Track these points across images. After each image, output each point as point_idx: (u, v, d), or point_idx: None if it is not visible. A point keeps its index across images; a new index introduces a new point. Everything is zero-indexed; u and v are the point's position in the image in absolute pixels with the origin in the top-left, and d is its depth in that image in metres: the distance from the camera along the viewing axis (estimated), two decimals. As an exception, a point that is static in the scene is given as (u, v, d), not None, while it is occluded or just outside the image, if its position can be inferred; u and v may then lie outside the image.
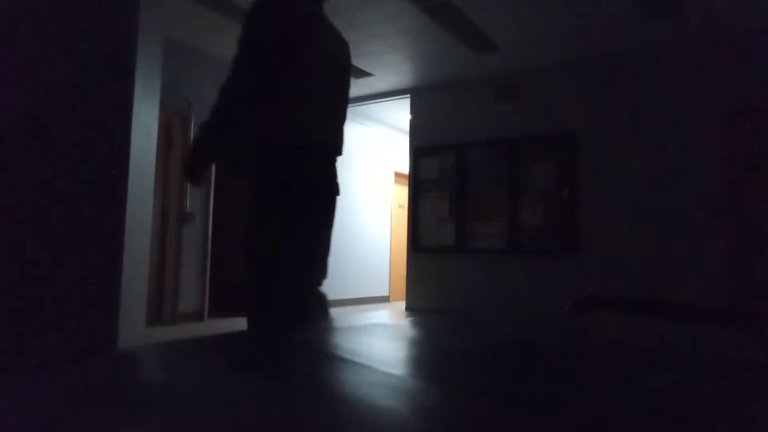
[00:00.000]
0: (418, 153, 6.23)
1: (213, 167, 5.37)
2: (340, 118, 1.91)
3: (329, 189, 1.86)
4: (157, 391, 0.48)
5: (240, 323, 1.94)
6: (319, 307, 1.81)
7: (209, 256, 5.33)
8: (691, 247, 4.58)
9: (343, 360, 0.58)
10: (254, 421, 0.38)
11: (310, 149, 1.75)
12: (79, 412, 0.40)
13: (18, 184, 2.71)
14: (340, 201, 1.87)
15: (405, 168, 6.78)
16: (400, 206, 8.24)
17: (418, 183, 6.21)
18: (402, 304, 7.40)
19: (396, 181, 8.36)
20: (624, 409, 0.44)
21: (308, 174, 1.75)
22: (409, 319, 0.98)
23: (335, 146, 1.88)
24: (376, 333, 0.79)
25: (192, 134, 4.98)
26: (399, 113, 7.18)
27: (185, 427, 0.37)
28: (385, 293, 8.02)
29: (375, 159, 7.88)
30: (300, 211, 1.73)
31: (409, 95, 6.35)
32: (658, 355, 0.71)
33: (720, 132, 4.56)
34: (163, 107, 3.49)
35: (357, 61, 5.49)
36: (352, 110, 7.80)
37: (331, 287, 6.27)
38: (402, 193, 8.05)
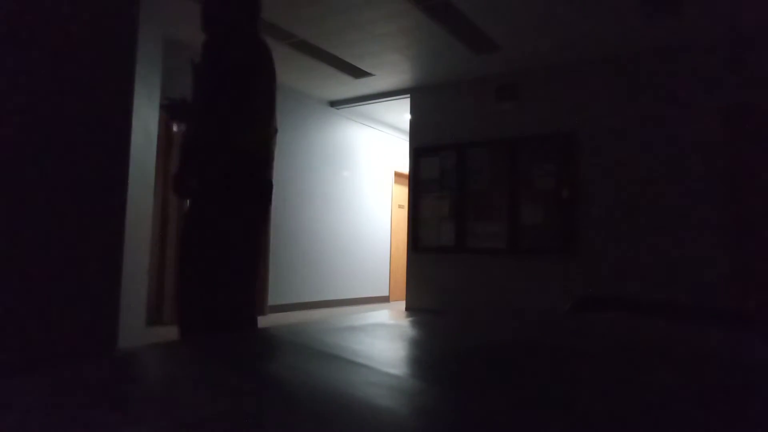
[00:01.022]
0: (418, 153, 6.23)
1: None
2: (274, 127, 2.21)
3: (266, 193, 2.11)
4: (157, 391, 0.48)
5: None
6: (241, 320, 1.97)
7: (209, 256, 5.32)
8: (690, 246, 4.58)
9: (343, 360, 0.58)
10: (253, 421, 0.38)
11: (258, 160, 2.00)
12: (79, 412, 0.40)
13: (17, 184, 2.71)
14: (341, 200, 1.98)
15: (405, 168, 6.78)
16: (400, 206, 8.24)
17: (418, 183, 6.21)
18: (402, 304, 7.41)
19: (396, 181, 8.36)
20: (624, 409, 0.44)
21: (258, 182, 2.01)
22: (409, 319, 0.98)
23: (270, 153, 2.15)
24: (376, 333, 0.79)
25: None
26: (399, 113, 7.18)
27: (185, 427, 0.37)
28: (385, 293, 8.02)
29: (375, 159, 7.88)
30: (235, 214, 1.95)
31: (409, 95, 6.35)
32: (657, 355, 0.71)
33: (720, 132, 4.57)
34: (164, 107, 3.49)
35: (357, 61, 5.49)
36: (352, 110, 7.82)
37: (331, 287, 6.34)
38: (402, 193, 8.06)
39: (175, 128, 2.48)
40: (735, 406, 0.48)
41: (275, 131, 2.14)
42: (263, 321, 5.58)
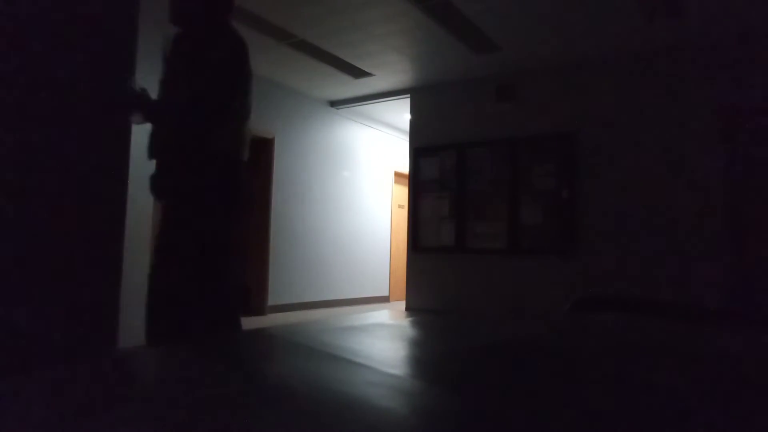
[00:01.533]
0: (418, 153, 6.23)
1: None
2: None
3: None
4: (156, 392, 0.48)
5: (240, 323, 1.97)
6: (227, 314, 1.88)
7: (209, 256, 5.32)
8: (690, 246, 4.58)
9: (343, 360, 0.58)
10: (254, 422, 0.38)
11: (233, 161, 1.93)
12: (79, 412, 0.40)
13: (18, 185, 2.71)
14: (341, 200, 1.95)
15: (405, 168, 6.78)
16: (400, 206, 8.24)
17: (418, 183, 6.21)
18: (402, 304, 7.40)
19: (396, 181, 8.36)
20: (624, 408, 0.44)
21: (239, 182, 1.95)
22: (409, 319, 0.98)
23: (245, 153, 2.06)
24: (376, 333, 0.79)
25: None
26: (399, 113, 7.18)
27: (185, 428, 0.37)
28: (385, 293, 8.02)
29: (375, 159, 7.88)
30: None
31: (409, 95, 6.35)
32: (658, 354, 0.71)
33: (720, 132, 4.56)
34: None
35: (357, 61, 5.49)
36: (352, 110, 7.80)
37: (331, 287, 6.33)
38: (402, 193, 8.06)
39: (133, 123, 2.39)
40: (735, 406, 0.48)
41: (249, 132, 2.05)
42: (263, 321, 5.58)
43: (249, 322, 5.32)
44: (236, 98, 1.90)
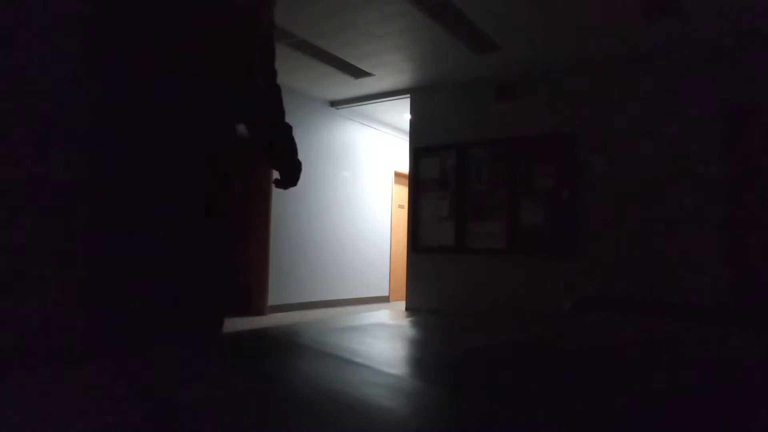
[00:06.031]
0: (418, 153, 6.24)
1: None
2: None
3: None
4: (156, 392, 0.48)
5: (239, 323, 1.97)
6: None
7: (209, 256, 5.32)
8: (690, 246, 4.58)
9: (343, 360, 0.58)
10: (254, 422, 0.38)
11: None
12: (78, 413, 0.40)
13: (17, 183, 2.71)
14: (341, 200, 1.86)
15: (405, 168, 6.78)
16: (400, 206, 8.24)
17: (418, 183, 6.21)
18: (402, 304, 7.40)
19: (396, 181, 8.36)
20: (624, 409, 0.44)
21: None
22: (409, 319, 0.98)
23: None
24: (376, 333, 0.79)
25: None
26: (399, 113, 7.19)
27: (185, 428, 0.37)
28: (385, 293, 8.02)
29: (375, 159, 7.88)
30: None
31: (409, 95, 6.35)
32: (658, 355, 0.71)
33: (720, 132, 4.57)
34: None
35: (357, 61, 5.49)
36: (352, 110, 7.84)
37: (331, 287, 6.34)
38: (402, 193, 8.06)
39: None
40: (734, 406, 0.48)
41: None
42: (263, 321, 5.58)
43: (249, 322, 5.32)
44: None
